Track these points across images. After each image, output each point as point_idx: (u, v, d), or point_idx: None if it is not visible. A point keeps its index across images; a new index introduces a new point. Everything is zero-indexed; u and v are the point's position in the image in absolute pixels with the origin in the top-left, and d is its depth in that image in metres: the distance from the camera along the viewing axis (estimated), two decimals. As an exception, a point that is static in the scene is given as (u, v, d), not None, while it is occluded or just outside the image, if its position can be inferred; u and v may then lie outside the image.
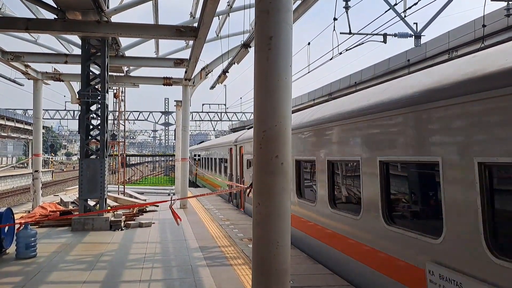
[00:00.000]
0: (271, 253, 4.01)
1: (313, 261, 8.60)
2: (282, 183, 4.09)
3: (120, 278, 7.58)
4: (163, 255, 9.29)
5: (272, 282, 3.98)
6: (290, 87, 4.18)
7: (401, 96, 5.39)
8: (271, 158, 4.07)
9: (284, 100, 4.09)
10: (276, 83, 4.06)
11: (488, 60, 4.27)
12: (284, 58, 4.09)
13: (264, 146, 4.11)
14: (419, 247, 4.90)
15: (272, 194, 4.07)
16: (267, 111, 4.10)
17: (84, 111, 12.67)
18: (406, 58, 20.58)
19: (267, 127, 4.09)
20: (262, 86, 4.13)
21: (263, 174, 4.13)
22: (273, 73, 4.06)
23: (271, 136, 4.06)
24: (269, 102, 4.08)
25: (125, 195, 19.44)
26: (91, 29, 11.20)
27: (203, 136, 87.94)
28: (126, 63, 15.27)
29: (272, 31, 4.06)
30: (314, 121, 8.83)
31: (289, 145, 4.19)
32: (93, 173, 12.38)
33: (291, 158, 4.24)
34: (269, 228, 4.05)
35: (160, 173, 57.23)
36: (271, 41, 4.04)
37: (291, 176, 4.29)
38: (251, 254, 4.39)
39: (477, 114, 3.98)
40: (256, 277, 4.09)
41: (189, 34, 10.71)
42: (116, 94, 21.90)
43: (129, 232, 11.91)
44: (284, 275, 4.03)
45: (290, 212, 4.24)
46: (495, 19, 14.67)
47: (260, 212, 4.12)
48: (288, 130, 4.16)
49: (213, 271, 7.90)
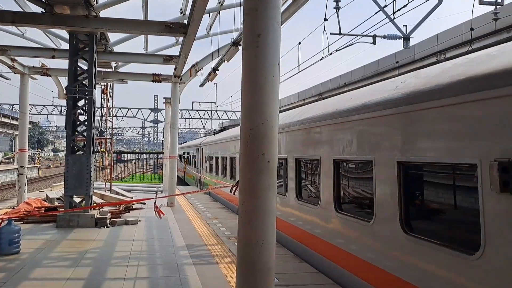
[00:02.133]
0: (255, 251, 4.00)
1: (299, 260, 8.62)
2: (268, 181, 4.08)
3: (104, 275, 7.51)
4: (149, 253, 9.22)
5: (257, 280, 3.97)
6: (278, 85, 4.17)
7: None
8: (257, 156, 4.06)
9: (271, 98, 4.08)
10: (263, 81, 4.05)
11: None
12: (272, 56, 4.07)
13: (250, 144, 4.09)
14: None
15: (258, 192, 4.05)
16: (254, 109, 4.09)
17: (71, 107, 12.52)
18: (395, 60, 20.72)
19: (253, 125, 4.07)
20: (249, 84, 4.11)
21: (249, 172, 4.11)
22: (261, 71, 4.05)
23: (258, 134, 4.05)
24: (256, 100, 4.07)
25: (112, 192, 19.28)
26: (79, 24, 11.07)
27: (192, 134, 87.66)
28: (114, 58, 15.13)
29: (260, 29, 4.04)
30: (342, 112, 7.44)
31: (276, 143, 4.18)
32: (79, 169, 12.24)
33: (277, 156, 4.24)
34: (254, 226, 4.04)
35: (149, 170, 56.87)
36: (259, 39, 4.03)
37: (276, 174, 4.28)
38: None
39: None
40: (241, 275, 4.08)
41: (178, 31, 10.65)
42: (104, 90, 21.67)
43: (115, 230, 11.80)
44: (269, 273, 4.02)
45: (275, 210, 4.23)
46: (483, 22, 14.83)
47: (245, 210, 4.11)
48: (275, 128, 4.15)
49: (199, 270, 7.87)
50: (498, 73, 3.84)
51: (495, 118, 3.77)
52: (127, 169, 57.14)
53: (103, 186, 20.71)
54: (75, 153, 12.61)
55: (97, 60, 13.08)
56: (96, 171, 33.82)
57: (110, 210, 13.63)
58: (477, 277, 3.89)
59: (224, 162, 18.28)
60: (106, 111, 23.00)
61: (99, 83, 20.56)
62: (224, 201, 17.94)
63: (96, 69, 12.72)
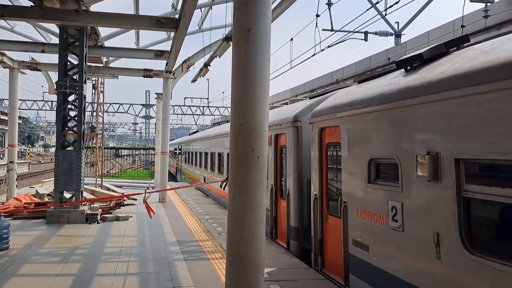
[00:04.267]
0: (245, 246, 4.00)
1: (290, 255, 8.65)
2: (258, 177, 4.07)
3: (94, 271, 7.47)
4: (140, 248, 9.20)
5: (246, 275, 3.97)
6: (268, 81, 4.15)
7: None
8: (247, 151, 4.05)
9: (262, 93, 4.07)
10: (253, 76, 4.03)
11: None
12: (262, 51, 4.06)
13: (240, 139, 4.08)
14: None
15: (248, 188, 4.04)
16: (244, 104, 4.07)
17: (61, 102, 12.41)
18: (386, 57, 20.81)
19: (244, 120, 4.06)
20: (239, 79, 4.09)
21: (239, 168, 4.10)
22: (251, 66, 4.03)
23: (248, 129, 4.04)
24: (247, 95, 4.05)
25: (103, 188, 19.18)
26: (69, 18, 10.96)
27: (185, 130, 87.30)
28: (105, 53, 15.01)
29: (251, 24, 4.02)
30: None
31: (266, 138, 4.17)
32: (69, 165, 12.15)
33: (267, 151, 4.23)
34: (244, 221, 4.04)
35: (140, 166, 56.63)
36: (249, 34, 4.01)
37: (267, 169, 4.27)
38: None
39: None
40: (230, 270, 4.08)
41: (169, 26, 10.58)
42: (95, 85, 21.51)
43: (106, 226, 11.75)
44: (258, 269, 4.02)
45: (265, 206, 4.23)
46: (474, 20, 14.93)
47: (235, 205, 4.10)
48: (265, 123, 4.14)
49: (189, 265, 7.86)
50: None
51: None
52: (119, 165, 56.89)
53: (94, 182, 20.58)
54: (66, 148, 12.51)
55: (88, 54, 12.96)
56: (87, 167, 33.69)
57: (101, 206, 13.56)
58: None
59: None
60: (97, 107, 22.81)
61: (90, 78, 20.38)
62: (215, 197, 17.92)
63: (86, 64, 12.60)
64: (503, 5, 14.21)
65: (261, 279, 4.06)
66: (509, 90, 3.40)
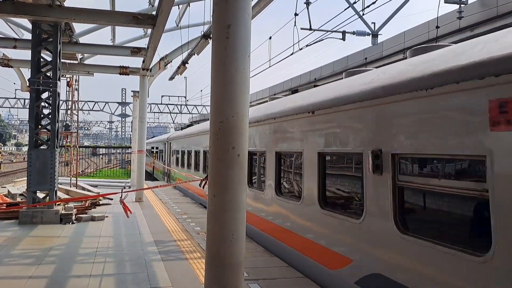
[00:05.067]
0: (225, 245, 3.94)
1: (270, 254, 8.63)
2: (238, 175, 4.02)
3: (69, 273, 7.29)
4: (116, 249, 9.02)
5: (226, 275, 3.92)
6: (248, 78, 4.11)
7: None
8: (227, 149, 3.99)
9: (242, 90, 4.01)
10: (233, 73, 3.97)
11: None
12: (242, 48, 4.01)
13: (220, 137, 4.02)
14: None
15: (227, 186, 3.99)
16: (224, 102, 4.01)
17: (34, 99, 12.07)
18: (363, 56, 21.04)
19: (223, 118, 4.00)
20: (219, 76, 4.03)
21: (219, 166, 4.04)
22: (231, 63, 3.97)
23: (228, 127, 3.98)
24: (226, 92, 3.99)
25: (78, 188, 18.79)
26: (42, 13, 10.66)
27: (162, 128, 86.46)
28: (80, 50, 14.66)
29: (230, 20, 3.96)
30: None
31: (246, 136, 4.13)
32: (42, 164, 11.84)
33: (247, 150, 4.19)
34: (224, 220, 3.98)
35: (116, 165, 55.78)
36: (229, 30, 3.95)
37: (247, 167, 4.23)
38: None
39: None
40: (210, 270, 4.02)
41: (146, 22, 10.41)
42: (69, 82, 21.01)
43: (81, 226, 11.49)
44: (238, 268, 3.97)
45: (245, 204, 4.18)
46: (448, 21, 15.23)
47: (215, 204, 4.04)
48: (245, 121, 4.09)
49: (167, 265, 7.75)
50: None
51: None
52: (94, 164, 55.88)
53: (68, 182, 20.14)
54: (39, 147, 12.19)
55: (62, 51, 12.65)
56: (61, 166, 32.94)
57: (76, 206, 13.27)
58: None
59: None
60: (71, 105, 22.31)
61: (64, 75, 19.92)
62: (194, 196, 17.80)
63: (60, 61, 12.29)
64: (477, 6, 14.54)
65: (241, 278, 4.01)
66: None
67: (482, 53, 3.69)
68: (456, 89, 3.80)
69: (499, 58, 3.46)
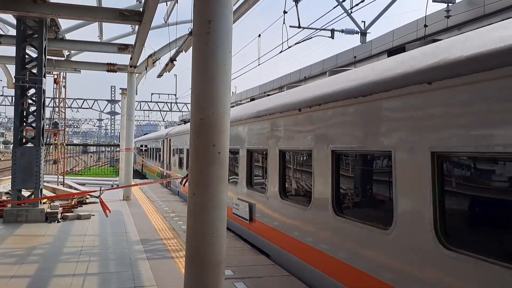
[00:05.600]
0: (205, 244, 3.89)
1: (256, 252, 8.61)
2: (219, 173, 3.96)
3: (52, 272, 7.19)
4: (101, 248, 8.93)
5: (206, 274, 3.86)
6: (230, 74, 4.05)
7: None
8: (208, 147, 3.93)
9: (223, 87, 3.95)
10: (214, 69, 3.91)
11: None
12: (223, 44, 3.94)
13: (201, 135, 3.96)
14: None
15: (208, 184, 3.93)
16: (204, 98, 3.94)
17: (18, 96, 11.90)
18: (353, 55, 21.08)
19: (204, 115, 3.93)
20: (200, 72, 3.97)
21: (199, 164, 3.98)
22: (212, 59, 3.91)
23: (209, 124, 3.92)
24: (207, 89, 3.93)
25: (65, 186, 18.59)
26: (26, 8, 10.49)
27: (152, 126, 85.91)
28: (66, 46, 14.46)
29: (211, 15, 3.90)
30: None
31: (227, 133, 4.07)
32: (28, 162, 11.67)
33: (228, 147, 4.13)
34: (205, 219, 3.92)
35: (105, 163, 55.37)
36: (210, 25, 3.88)
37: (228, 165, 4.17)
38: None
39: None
40: (190, 269, 3.96)
41: (133, 19, 10.29)
42: (57, 79, 20.75)
43: (66, 224, 11.37)
44: (219, 267, 3.92)
45: (226, 203, 4.13)
46: (436, 19, 15.30)
47: (195, 202, 3.98)
48: (226, 118, 4.03)
49: (153, 264, 7.69)
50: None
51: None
52: (83, 162, 55.38)
53: (56, 180, 19.91)
54: (24, 145, 12.01)
55: (48, 47, 12.47)
56: (49, 164, 32.58)
57: (62, 204, 13.10)
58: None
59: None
60: (59, 102, 22.05)
61: (51, 72, 19.67)
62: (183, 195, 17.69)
63: (46, 57, 12.13)
64: (464, 5, 14.62)
65: (222, 278, 3.96)
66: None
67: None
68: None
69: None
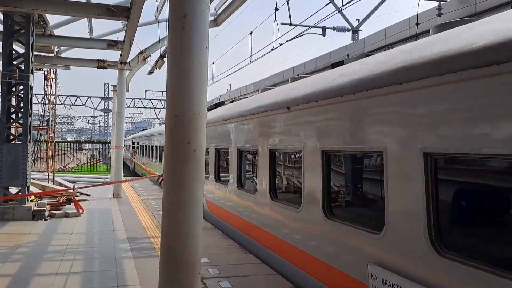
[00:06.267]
0: (180, 244, 3.81)
1: (244, 251, 8.54)
2: (194, 171, 3.88)
3: (35, 270, 7.09)
4: (87, 246, 8.83)
5: (181, 274, 3.78)
6: (206, 70, 3.96)
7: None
8: (183, 144, 3.84)
9: (199, 83, 3.86)
10: (190, 65, 3.82)
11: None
12: (199, 39, 3.85)
13: (175, 132, 3.87)
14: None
15: (183, 183, 3.85)
16: (179, 94, 3.86)
17: (5, 93, 11.76)
18: (345, 53, 21.03)
19: (179, 111, 3.84)
20: (175, 68, 3.88)
21: (174, 162, 3.90)
22: (187, 54, 3.82)
23: (184, 121, 3.83)
24: (182, 85, 3.84)
25: (55, 184, 18.44)
26: (12, 3, 10.36)
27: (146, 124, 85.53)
28: (54, 42, 14.29)
29: (187, 9, 3.81)
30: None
31: (204, 130, 3.98)
32: (14, 159, 11.54)
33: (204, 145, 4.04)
34: (179, 218, 3.84)
35: (99, 161, 55.11)
36: (185, 20, 3.80)
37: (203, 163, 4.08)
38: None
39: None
40: (164, 269, 3.88)
41: (121, 14, 10.16)
42: (47, 76, 20.52)
43: (53, 222, 11.25)
44: (194, 267, 3.84)
45: (202, 202, 4.05)
46: (428, 18, 15.25)
47: (170, 201, 3.90)
48: (202, 115, 3.95)
49: (138, 263, 7.61)
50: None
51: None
52: (77, 160, 55.06)
53: (46, 177, 19.74)
54: (10, 141, 11.88)
55: (36, 43, 12.33)
56: (42, 161, 32.29)
57: (49, 202, 12.98)
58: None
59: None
60: (49, 99, 21.83)
61: (41, 69, 19.47)
62: None
63: (33, 53, 11.98)
64: (456, 3, 14.59)
65: (197, 278, 3.88)
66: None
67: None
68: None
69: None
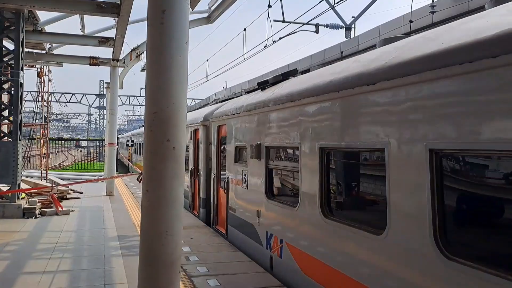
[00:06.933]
0: (159, 243, 3.75)
1: (234, 249, 8.51)
2: (174, 169, 3.82)
3: (22, 269, 7.04)
4: (76, 244, 8.78)
5: (160, 273, 3.73)
6: (186, 66, 3.90)
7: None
8: (162, 142, 3.78)
9: (178, 79, 3.80)
10: (169, 61, 3.76)
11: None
12: (178, 35, 3.79)
13: (154, 129, 3.81)
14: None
15: (162, 181, 3.79)
16: (158, 91, 3.80)
17: (-5, 89, 11.66)
18: (340, 50, 20.96)
19: (158, 108, 3.78)
20: (154, 64, 3.81)
21: (153, 159, 3.83)
22: (167, 50, 3.76)
23: (163, 118, 3.77)
24: (161, 81, 3.78)
25: (48, 181, 18.33)
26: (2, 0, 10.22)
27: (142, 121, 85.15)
28: (45, 39, 14.17)
29: (165, 4, 3.74)
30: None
31: (183, 128, 3.93)
32: (4, 156, 11.46)
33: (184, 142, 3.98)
34: (158, 216, 3.78)
35: (95, 158, 54.92)
36: (164, 15, 3.73)
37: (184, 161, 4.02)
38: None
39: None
40: (143, 269, 3.83)
41: (111, 11, 10.07)
42: (40, 73, 20.37)
43: (44, 220, 11.19)
44: (173, 266, 3.78)
45: (182, 200, 3.99)
46: (421, 15, 15.23)
47: (149, 199, 3.84)
48: (182, 111, 3.89)
49: (127, 261, 7.56)
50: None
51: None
52: (73, 157, 54.83)
53: (39, 175, 19.65)
54: (1, 139, 11.79)
55: (26, 40, 12.22)
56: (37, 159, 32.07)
57: (40, 200, 12.89)
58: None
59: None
60: (42, 96, 21.70)
61: (34, 66, 19.33)
62: None
63: (23, 50, 11.87)
64: (449, 1, 14.55)
65: (177, 278, 3.83)
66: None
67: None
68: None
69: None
